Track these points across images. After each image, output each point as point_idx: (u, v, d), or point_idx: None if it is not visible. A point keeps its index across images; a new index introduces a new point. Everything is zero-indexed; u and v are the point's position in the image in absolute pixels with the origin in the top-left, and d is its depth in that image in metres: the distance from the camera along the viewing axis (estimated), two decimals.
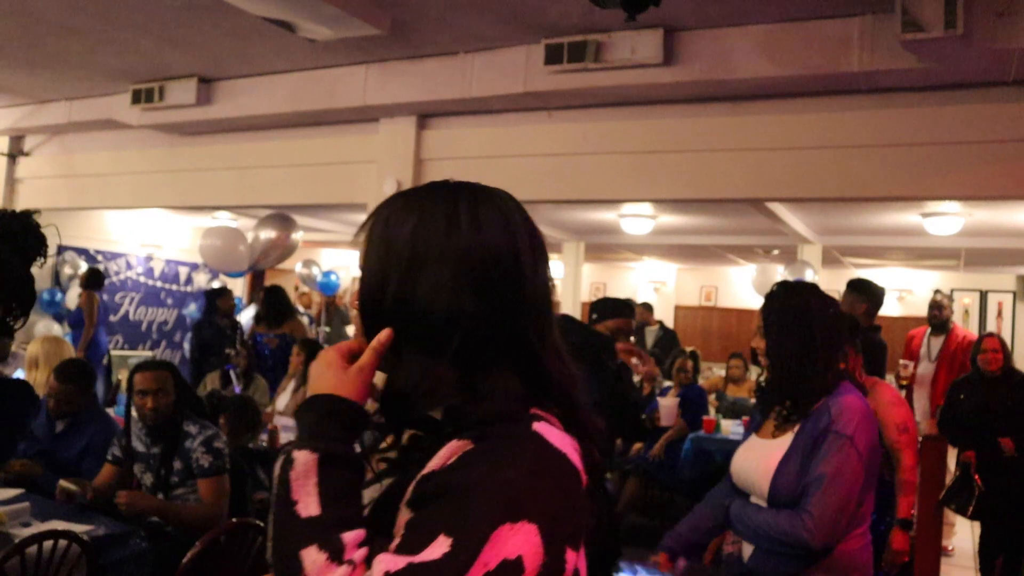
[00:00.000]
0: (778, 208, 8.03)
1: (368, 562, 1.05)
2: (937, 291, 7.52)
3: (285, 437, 5.08)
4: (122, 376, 7.89)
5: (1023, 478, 5.35)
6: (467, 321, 1.18)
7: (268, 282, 12.69)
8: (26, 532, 3.18)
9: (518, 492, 1.05)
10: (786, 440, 2.53)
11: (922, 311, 14.11)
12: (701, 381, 9.30)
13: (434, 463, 1.12)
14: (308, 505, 1.09)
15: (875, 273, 14.53)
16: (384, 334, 1.22)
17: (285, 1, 5.33)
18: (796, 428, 2.52)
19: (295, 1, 5.33)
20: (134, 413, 3.97)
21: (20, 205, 9.40)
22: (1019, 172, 5.44)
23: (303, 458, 1.12)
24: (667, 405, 4.72)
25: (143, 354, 10.85)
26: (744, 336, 15.43)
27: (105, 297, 10.28)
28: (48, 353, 5.07)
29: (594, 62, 5.92)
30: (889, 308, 14.54)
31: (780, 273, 9.52)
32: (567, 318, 4.78)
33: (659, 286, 16.88)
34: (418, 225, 1.27)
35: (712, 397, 8.75)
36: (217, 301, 8.51)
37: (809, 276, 8.53)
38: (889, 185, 5.91)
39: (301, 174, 7.98)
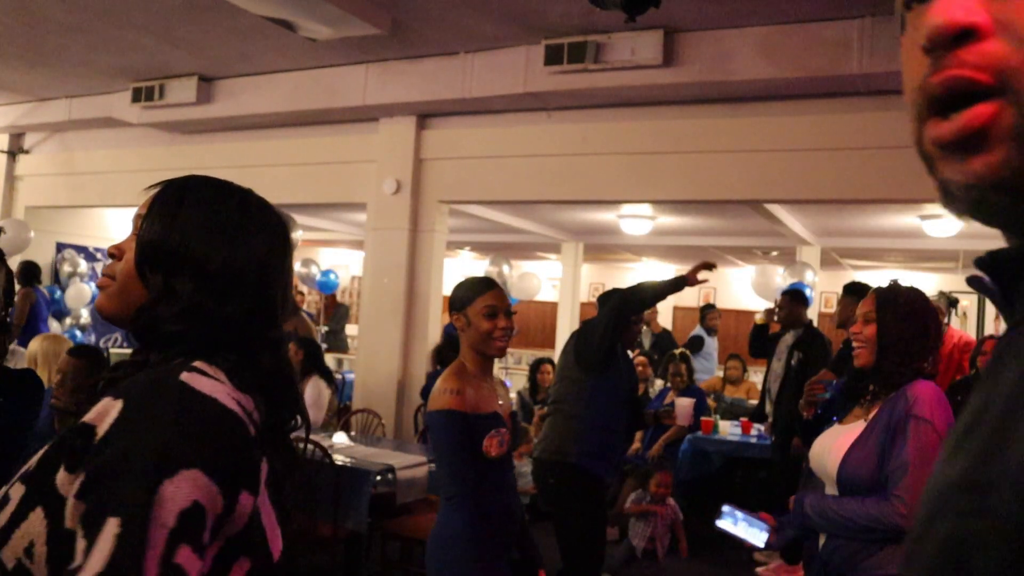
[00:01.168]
0: (777, 210, 8.04)
1: None
2: (940, 293, 7.52)
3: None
4: None
5: None
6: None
7: None
8: None
9: (166, 446, 1.06)
10: (859, 425, 2.59)
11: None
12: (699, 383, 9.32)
13: (90, 416, 1.13)
14: None
15: (873, 275, 14.55)
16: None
17: (286, 0, 5.34)
18: (872, 414, 2.57)
19: (296, 0, 5.34)
20: None
21: (20, 203, 9.41)
22: None
23: None
24: (684, 405, 4.74)
25: None
26: (743, 337, 15.43)
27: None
28: (47, 352, 5.06)
29: (594, 63, 5.93)
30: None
31: (780, 275, 9.51)
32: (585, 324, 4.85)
33: None
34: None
35: (710, 398, 8.75)
36: None
37: (809, 278, 8.53)
38: (888, 188, 5.92)
39: (301, 173, 7.99)
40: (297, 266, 12.38)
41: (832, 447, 2.60)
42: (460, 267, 17.14)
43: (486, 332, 2.83)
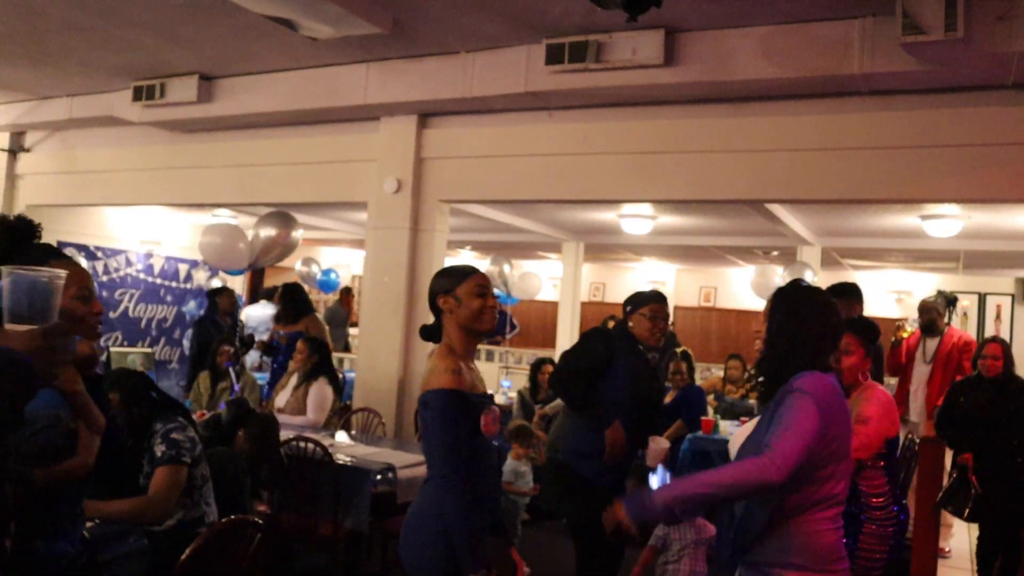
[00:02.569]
0: (777, 209, 8.05)
1: None
2: (939, 292, 7.52)
3: (284, 435, 5.05)
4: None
5: (1020, 481, 5.35)
6: None
7: (268, 281, 12.72)
8: None
9: None
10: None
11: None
12: (699, 381, 9.33)
13: None
14: None
15: (874, 275, 14.56)
16: None
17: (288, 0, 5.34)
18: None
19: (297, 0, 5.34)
20: None
21: (21, 201, 9.42)
22: (1018, 175, 5.45)
23: None
24: (655, 449, 4.66)
25: (143, 351, 10.85)
26: (744, 337, 15.45)
27: (104, 294, 10.28)
28: None
29: (595, 62, 5.93)
30: (888, 310, 14.60)
31: (779, 274, 9.52)
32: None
33: (658, 287, 16.88)
34: None
35: (711, 398, 8.76)
36: (218, 299, 8.53)
37: (809, 277, 8.54)
38: (888, 187, 5.92)
39: (302, 172, 7.99)
40: (298, 265, 12.41)
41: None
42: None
43: (478, 308, 2.90)
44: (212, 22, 6.26)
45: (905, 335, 7.19)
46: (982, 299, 14.29)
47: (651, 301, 4.69)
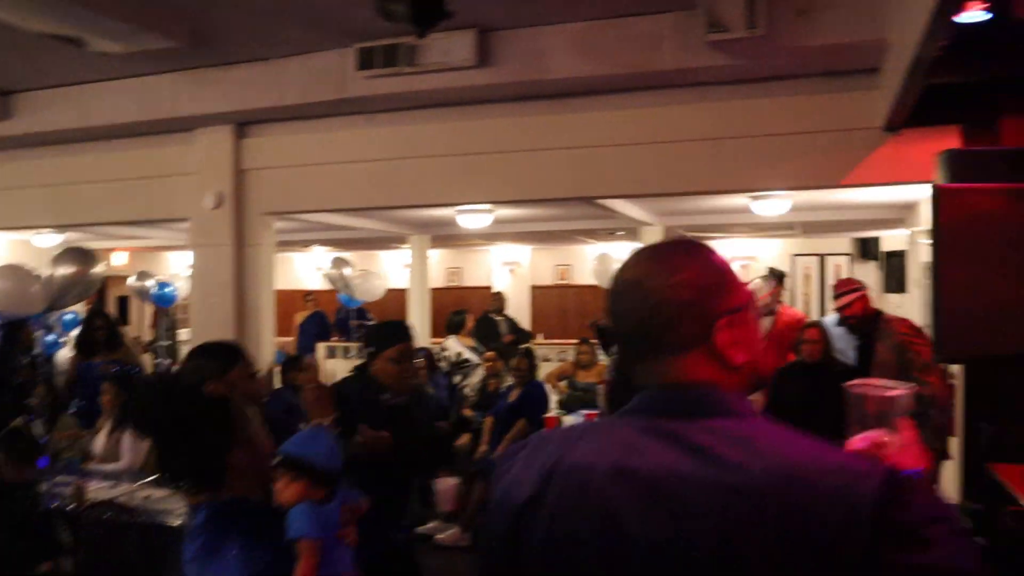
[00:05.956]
0: (610, 201, 8.01)
1: None
2: (770, 270, 7.65)
3: (97, 489, 4.71)
4: None
5: None
6: None
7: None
8: None
9: None
10: None
11: None
12: (550, 368, 9.32)
13: None
14: None
15: (720, 244, 14.86)
16: None
17: (65, 18, 4.94)
18: None
19: (76, 17, 4.94)
20: None
21: None
22: (831, 161, 5.54)
23: None
24: (443, 490, 4.41)
25: None
26: (600, 311, 15.58)
27: None
28: None
29: (408, 66, 5.73)
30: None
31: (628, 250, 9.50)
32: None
33: (514, 267, 16.84)
34: None
35: (563, 384, 8.75)
36: (17, 334, 7.81)
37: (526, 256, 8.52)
38: (712, 179, 5.95)
39: (117, 190, 7.52)
40: (131, 280, 11.76)
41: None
42: (313, 261, 16.75)
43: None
44: None
45: None
46: (823, 260, 14.77)
47: (396, 341, 3.76)
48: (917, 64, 3.73)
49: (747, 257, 15.17)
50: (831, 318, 6.16)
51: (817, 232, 13.19)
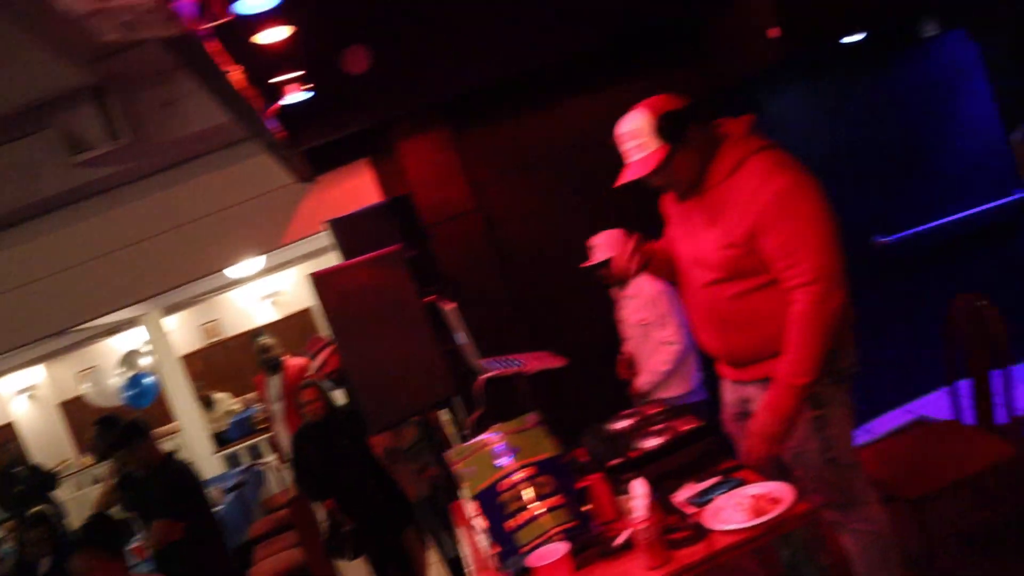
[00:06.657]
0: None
1: None
2: (261, 336, 7.55)
3: None
4: None
5: (377, 499, 5.45)
6: None
7: None
8: None
9: None
10: None
11: (299, 307, 14.44)
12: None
13: None
14: None
15: (241, 290, 14.55)
16: None
17: None
18: None
19: None
20: None
21: None
22: (274, 220, 5.53)
23: None
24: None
25: None
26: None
27: None
28: None
29: None
30: (268, 315, 14.78)
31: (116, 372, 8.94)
32: None
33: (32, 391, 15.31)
34: None
35: None
36: None
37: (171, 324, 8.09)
38: (175, 277, 5.72)
39: None
40: None
41: None
42: None
43: None
44: None
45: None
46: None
47: None
48: (270, 145, 3.79)
49: (274, 294, 15.09)
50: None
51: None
